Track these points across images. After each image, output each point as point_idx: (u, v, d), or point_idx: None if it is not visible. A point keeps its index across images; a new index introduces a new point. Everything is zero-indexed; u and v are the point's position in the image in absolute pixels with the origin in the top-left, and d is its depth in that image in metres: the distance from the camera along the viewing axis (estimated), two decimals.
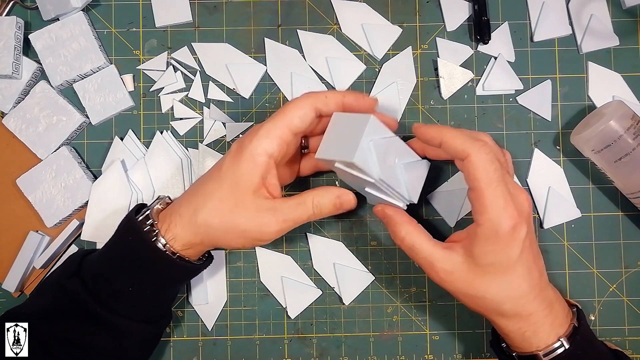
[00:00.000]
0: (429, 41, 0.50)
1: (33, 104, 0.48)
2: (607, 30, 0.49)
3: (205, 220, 0.38)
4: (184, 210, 0.39)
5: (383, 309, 0.49)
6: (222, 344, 0.49)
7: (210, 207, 0.38)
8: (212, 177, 0.40)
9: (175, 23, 0.50)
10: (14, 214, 0.48)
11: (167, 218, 0.39)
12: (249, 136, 0.39)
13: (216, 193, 0.38)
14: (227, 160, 0.39)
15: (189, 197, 0.40)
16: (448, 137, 0.38)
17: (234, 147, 0.39)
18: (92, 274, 0.40)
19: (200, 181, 0.41)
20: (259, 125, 0.39)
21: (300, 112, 0.39)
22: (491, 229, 0.36)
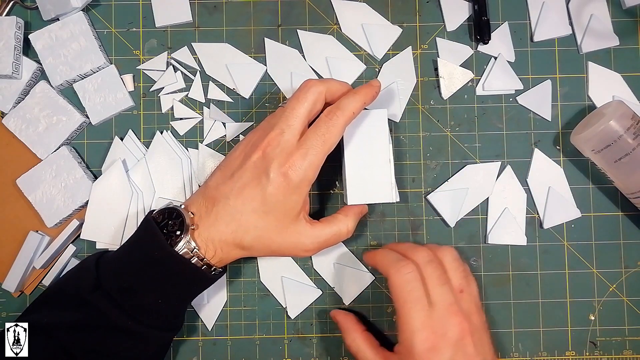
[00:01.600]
0: (429, 41, 0.50)
1: (33, 104, 0.48)
2: (607, 30, 0.49)
3: (249, 245, 0.40)
4: (225, 236, 0.40)
5: (383, 309, 0.49)
6: (222, 344, 0.49)
7: (254, 235, 0.40)
8: (254, 206, 0.39)
9: (175, 23, 0.50)
10: (14, 214, 0.48)
11: (207, 243, 0.39)
12: (292, 166, 0.39)
13: (260, 223, 0.40)
14: (271, 192, 0.39)
15: (228, 223, 0.39)
16: (377, 259, 0.43)
17: (279, 179, 0.39)
18: (118, 286, 0.39)
19: (238, 206, 0.39)
20: (301, 151, 0.39)
21: (339, 136, 0.40)
22: (406, 349, 0.38)
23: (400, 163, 0.49)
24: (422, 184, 0.49)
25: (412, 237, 0.49)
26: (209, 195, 0.41)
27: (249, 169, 0.40)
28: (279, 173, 0.39)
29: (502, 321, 0.49)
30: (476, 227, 0.49)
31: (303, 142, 0.39)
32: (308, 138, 0.39)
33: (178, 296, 0.41)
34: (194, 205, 0.41)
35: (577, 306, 0.49)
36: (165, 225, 0.39)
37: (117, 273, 0.40)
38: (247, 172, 0.40)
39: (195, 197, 0.42)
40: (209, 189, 0.41)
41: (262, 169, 0.39)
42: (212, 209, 0.40)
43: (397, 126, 0.49)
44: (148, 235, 0.39)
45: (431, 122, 0.50)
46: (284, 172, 0.39)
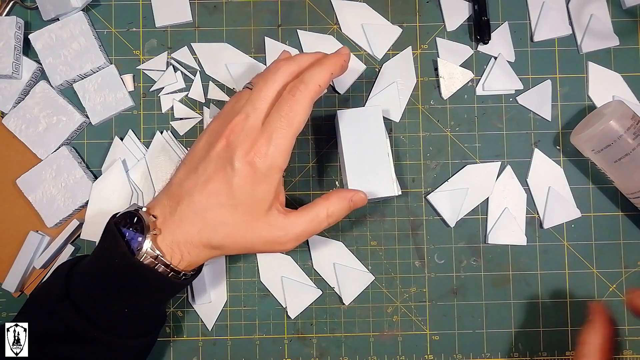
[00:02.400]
0: (429, 41, 0.50)
1: (33, 104, 0.48)
2: (607, 30, 0.49)
3: (219, 244, 0.37)
4: (191, 237, 0.37)
5: (383, 309, 0.49)
6: (222, 344, 0.49)
7: (223, 233, 0.37)
8: (220, 201, 0.36)
9: (175, 23, 0.50)
10: (14, 214, 0.48)
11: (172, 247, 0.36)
12: (257, 153, 0.36)
13: (228, 219, 0.36)
14: (238, 183, 0.36)
15: (193, 222, 0.36)
16: None
17: (245, 169, 0.36)
18: (84, 296, 0.37)
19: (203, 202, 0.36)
20: (265, 135, 0.36)
21: (306, 114, 0.37)
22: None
23: (400, 163, 0.49)
24: (422, 184, 0.49)
25: (412, 237, 0.49)
26: (173, 194, 0.38)
27: (213, 160, 0.36)
28: (245, 162, 0.36)
29: (502, 321, 0.49)
30: (476, 227, 0.49)
31: (266, 126, 0.36)
32: (271, 120, 0.36)
33: (147, 304, 0.38)
34: (157, 207, 0.38)
35: (577, 306, 0.49)
36: (128, 230, 0.36)
37: (84, 282, 0.37)
38: (211, 163, 0.36)
39: (160, 196, 0.39)
40: (172, 186, 0.38)
41: (227, 159, 0.36)
42: (176, 208, 0.37)
43: (397, 126, 0.49)
44: (109, 243, 0.36)
45: (431, 122, 0.50)
46: (250, 161, 0.36)
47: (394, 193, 0.44)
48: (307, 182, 0.49)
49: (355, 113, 0.44)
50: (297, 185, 0.49)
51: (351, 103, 0.50)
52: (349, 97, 0.50)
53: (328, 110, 0.50)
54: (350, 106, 0.49)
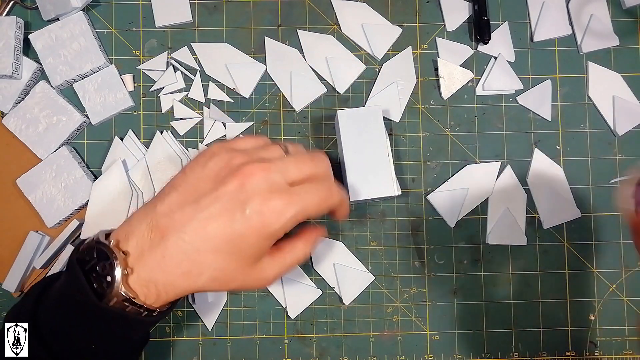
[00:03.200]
0: (429, 41, 0.50)
1: (33, 104, 0.48)
2: (607, 30, 0.49)
3: (203, 287, 0.34)
4: (174, 279, 0.33)
5: (383, 309, 0.49)
6: (222, 344, 0.49)
7: (211, 277, 0.33)
8: (216, 244, 0.33)
9: (175, 23, 0.50)
10: (14, 214, 0.48)
11: (148, 286, 0.33)
12: (275, 210, 0.33)
13: (220, 264, 0.33)
14: (242, 233, 0.33)
15: (180, 263, 0.33)
16: None
17: (257, 220, 0.32)
18: (49, 328, 0.34)
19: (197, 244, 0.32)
20: (293, 197, 0.33)
21: (324, 211, 0.36)
22: None
23: (400, 163, 0.49)
24: (422, 184, 0.49)
25: (412, 237, 0.49)
26: (159, 225, 0.33)
27: (222, 199, 0.32)
28: (258, 212, 0.32)
29: (502, 321, 0.49)
30: (476, 227, 0.49)
31: (296, 188, 0.34)
32: (304, 188, 0.34)
33: (115, 342, 0.34)
34: (133, 237, 0.33)
35: (577, 306, 0.49)
36: (93, 266, 0.32)
37: (49, 314, 0.34)
38: (219, 202, 0.32)
39: (137, 223, 0.33)
40: (157, 215, 0.33)
41: (239, 202, 0.32)
42: (160, 243, 0.32)
43: (397, 126, 0.49)
44: (72, 282, 0.33)
45: (431, 122, 0.50)
46: (264, 213, 0.32)
47: (394, 193, 0.44)
48: None
49: (355, 113, 0.44)
50: None
51: (351, 103, 0.50)
52: (349, 97, 0.50)
53: (328, 110, 0.50)
54: (350, 106, 0.49)
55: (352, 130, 0.44)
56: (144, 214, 0.34)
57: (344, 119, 0.44)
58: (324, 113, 0.50)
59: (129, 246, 0.33)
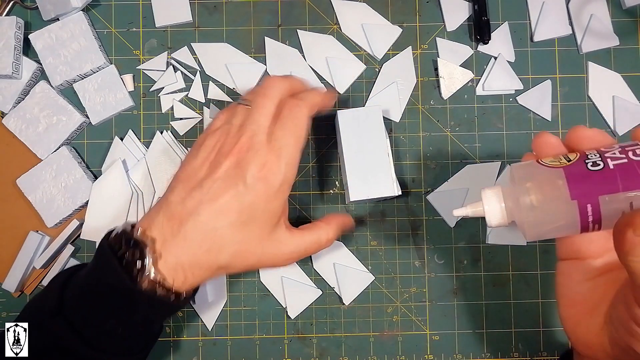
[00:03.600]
0: (429, 41, 0.50)
1: (33, 104, 0.48)
2: (607, 30, 0.49)
3: (226, 263, 0.37)
4: (198, 258, 0.36)
5: (383, 309, 0.49)
6: (222, 344, 0.49)
7: (232, 251, 0.36)
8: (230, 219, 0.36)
9: (175, 23, 0.50)
10: (14, 214, 0.48)
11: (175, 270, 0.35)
12: (271, 169, 0.36)
13: (238, 237, 0.36)
14: (251, 200, 0.36)
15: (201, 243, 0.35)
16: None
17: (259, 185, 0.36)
18: (78, 312, 0.36)
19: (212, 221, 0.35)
20: (275, 152, 0.36)
21: (308, 129, 0.38)
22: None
23: (400, 163, 0.49)
24: (422, 184, 0.49)
25: (412, 237, 0.49)
26: (174, 213, 0.36)
27: (221, 178, 0.36)
28: (258, 178, 0.36)
29: (502, 321, 0.49)
30: (476, 227, 0.49)
31: (274, 142, 0.37)
32: (278, 137, 0.37)
33: (142, 324, 0.37)
34: (154, 228, 0.36)
35: None
36: (124, 253, 0.35)
37: (78, 298, 0.36)
38: (219, 181, 0.36)
39: (155, 215, 0.36)
40: (171, 204, 0.36)
41: (238, 177, 0.36)
42: (180, 229, 0.35)
43: (397, 126, 0.49)
44: (104, 266, 0.35)
45: (431, 122, 0.50)
46: (263, 177, 0.36)
47: (394, 193, 0.44)
48: (307, 182, 0.49)
49: (355, 113, 0.44)
50: (297, 185, 0.49)
51: (351, 103, 0.50)
52: (349, 97, 0.50)
53: (328, 110, 0.50)
54: (350, 106, 0.49)
55: (352, 130, 0.44)
56: (159, 207, 0.37)
57: (344, 119, 0.44)
58: (324, 113, 0.50)
59: (154, 234, 0.36)
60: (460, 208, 0.33)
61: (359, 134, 0.44)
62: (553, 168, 0.29)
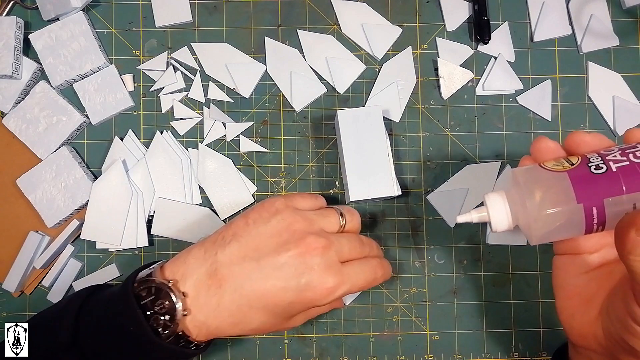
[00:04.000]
0: (429, 41, 0.50)
1: (33, 104, 0.48)
2: (607, 30, 0.49)
3: (245, 334, 0.37)
4: (224, 327, 0.35)
5: (383, 309, 0.49)
6: (222, 344, 0.49)
7: (254, 329, 0.37)
8: (266, 304, 0.35)
9: (175, 23, 0.50)
10: (14, 214, 0.48)
11: (200, 327, 0.35)
12: (325, 292, 0.35)
13: (264, 320, 0.36)
14: (292, 301, 0.35)
15: (232, 314, 0.35)
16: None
17: (307, 293, 0.35)
18: (93, 351, 0.35)
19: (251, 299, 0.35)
20: (344, 278, 0.36)
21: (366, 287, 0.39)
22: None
23: (400, 163, 0.49)
24: (422, 184, 0.49)
25: (412, 237, 0.49)
26: (217, 273, 0.35)
27: (282, 265, 0.35)
28: (312, 287, 0.35)
29: (502, 321, 0.49)
30: (476, 227, 0.49)
31: (347, 270, 0.36)
32: (355, 271, 0.37)
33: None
34: (190, 280, 0.35)
35: None
36: (151, 303, 0.34)
37: (94, 335, 0.35)
38: (278, 267, 0.35)
39: (195, 265, 0.35)
40: (218, 263, 0.35)
41: (296, 274, 0.35)
42: (217, 291, 0.34)
43: (397, 126, 0.49)
44: (127, 311, 0.34)
45: (431, 122, 0.50)
46: (316, 289, 0.35)
47: (394, 193, 0.44)
48: (307, 182, 0.49)
49: (355, 113, 0.44)
50: (297, 185, 0.49)
51: (351, 103, 0.50)
52: (349, 97, 0.50)
53: (328, 110, 0.50)
54: (350, 106, 0.49)
55: (352, 130, 0.44)
56: (203, 258, 0.35)
57: (344, 119, 0.44)
58: (324, 113, 0.50)
59: (187, 287, 0.35)
60: (463, 214, 0.33)
61: (359, 134, 0.44)
62: (557, 172, 0.30)
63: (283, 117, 0.50)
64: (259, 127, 0.49)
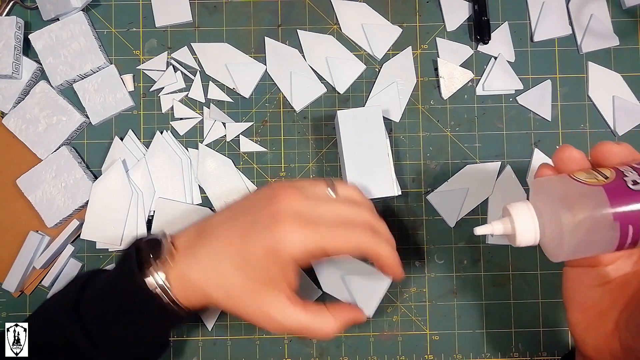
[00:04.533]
0: (429, 41, 0.50)
1: (33, 104, 0.48)
2: (607, 30, 0.49)
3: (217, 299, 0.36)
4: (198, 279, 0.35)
5: (383, 309, 0.49)
6: (222, 344, 0.49)
7: (225, 295, 0.35)
8: (231, 252, 0.35)
9: (175, 23, 0.50)
10: (14, 214, 0.48)
11: (184, 281, 0.35)
12: (287, 242, 0.33)
13: (236, 281, 0.35)
14: (255, 252, 0.34)
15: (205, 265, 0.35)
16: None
17: (269, 243, 0.34)
18: (92, 313, 0.36)
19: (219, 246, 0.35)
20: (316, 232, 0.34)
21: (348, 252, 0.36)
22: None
23: (400, 163, 0.49)
24: (422, 184, 0.49)
25: (412, 237, 0.49)
26: (204, 231, 0.37)
27: (250, 212, 0.35)
28: (273, 233, 0.33)
29: (502, 321, 0.49)
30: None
31: (321, 226, 0.34)
32: (331, 229, 0.34)
33: (153, 333, 0.37)
34: (183, 236, 0.37)
35: None
36: (146, 254, 0.36)
37: (95, 299, 0.37)
38: (247, 215, 0.35)
39: (191, 227, 0.38)
40: (207, 224, 0.37)
41: (261, 219, 0.34)
42: (199, 244, 0.36)
43: (397, 126, 0.49)
44: (124, 262, 0.36)
45: (431, 122, 0.50)
46: (277, 236, 0.33)
47: (394, 193, 0.44)
48: None
49: (355, 113, 0.44)
50: None
51: (351, 103, 0.50)
52: (349, 97, 0.50)
53: (328, 110, 0.50)
54: (350, 106, 0.49)
55: (352, 130, 0.44)
56: (199, 222, 0.38)
57: (344, 119, 0.44)
58: (324, 113, 0.50)
59: (178, 241, 0.37)
60: (483, 226, 0.31)
61: (359, 134, 0.44)
62: (592, 186, 0.27)
63: (283, 117, 0.50)
64: (259, 127, 0.49)
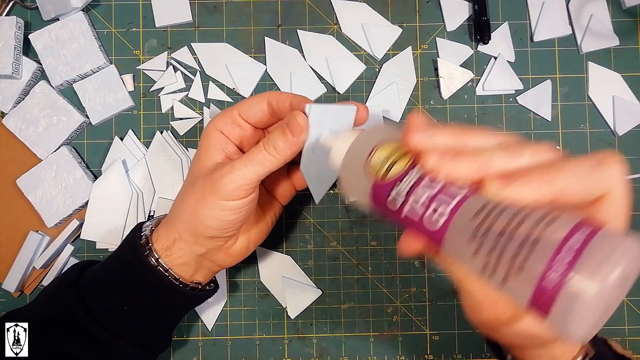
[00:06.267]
0: (429, 41, 0.50)
1: (33, 104, 0.48)
2: (607, 30, 0.49)
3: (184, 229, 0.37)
4: (182, 233, 0.37)
5: (383, 309, 0.49)
6: (222, 344, 0.49)
7: (186, 206, 0.37)
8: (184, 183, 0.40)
9: (175, 23, 0.50)
10: (14, 214, 0.48)
11: (166, 238, 0.38)
12: (208, 124, 0.39)
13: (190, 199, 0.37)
14: (201, 154, 0.39)
15: (175, 217, 0.38)
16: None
17: (203, 137, 0.39)
18: (89, 287, 0.39)
19: (181, 194, 0.39)
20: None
21: (251, 101, 0.38)
22: None
23: None
24: None
25: None
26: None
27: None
28: (204, 136, 0.38)
29: None
30: None
31: (234, 107, 0.39)
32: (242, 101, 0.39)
33: (146, 306, 0.38)
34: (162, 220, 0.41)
35: None
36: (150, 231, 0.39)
37: (93, 275, 0.39)
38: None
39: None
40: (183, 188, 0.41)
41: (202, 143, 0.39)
42: (176, 200, 0.40)
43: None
44: (127, 239, 0.39)
45: (431, 122, 0.50)
46: (207, 136, 0.38)
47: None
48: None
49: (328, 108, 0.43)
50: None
51: None
52: (349, 97, 0.50)
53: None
54: None
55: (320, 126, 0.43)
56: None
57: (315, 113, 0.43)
58: None
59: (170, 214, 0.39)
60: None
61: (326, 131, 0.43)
62: (370, 175, 0.29)
63: None
64: None
